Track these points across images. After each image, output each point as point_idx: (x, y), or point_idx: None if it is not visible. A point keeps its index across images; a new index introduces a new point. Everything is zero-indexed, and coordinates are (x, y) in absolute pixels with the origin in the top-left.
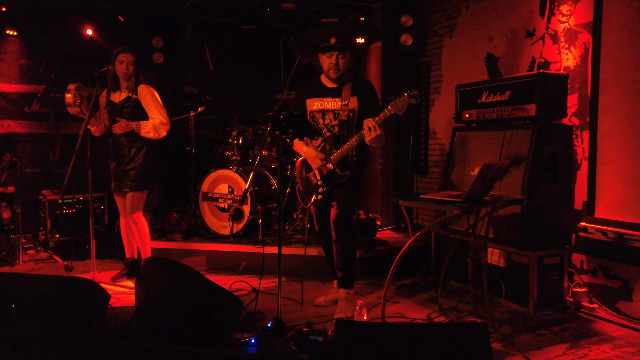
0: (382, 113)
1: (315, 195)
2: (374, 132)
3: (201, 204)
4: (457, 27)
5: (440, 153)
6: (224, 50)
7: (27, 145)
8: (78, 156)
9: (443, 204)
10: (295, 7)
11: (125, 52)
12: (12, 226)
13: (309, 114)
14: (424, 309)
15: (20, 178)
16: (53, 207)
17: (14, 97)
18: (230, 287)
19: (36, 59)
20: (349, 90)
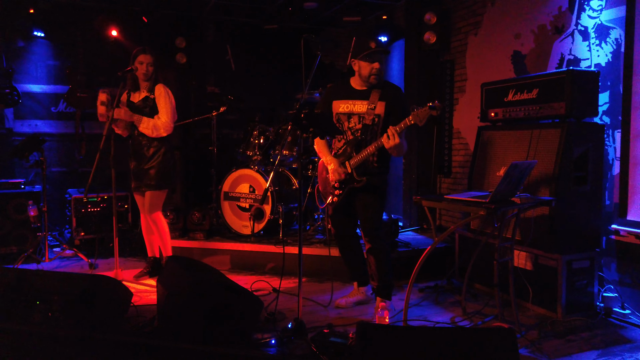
0: (402, 122)
1: (331, 197)
2: (392, 140)
3: (222, 203)
4: (482, 24)
5: (465, 153)
6: (246, 50)
7: (53, 145)
8: (102, 155)
9: (468, 205)
10: (317, 5)
11: (144, 52)
12: (38, 224)
13: (334, 116)
14: (447, 312)
15: (47, 177)
16: (78, 205)
17: (41, 98)
18: (250, 287)
19: (62, 60)
20: (377, 95)
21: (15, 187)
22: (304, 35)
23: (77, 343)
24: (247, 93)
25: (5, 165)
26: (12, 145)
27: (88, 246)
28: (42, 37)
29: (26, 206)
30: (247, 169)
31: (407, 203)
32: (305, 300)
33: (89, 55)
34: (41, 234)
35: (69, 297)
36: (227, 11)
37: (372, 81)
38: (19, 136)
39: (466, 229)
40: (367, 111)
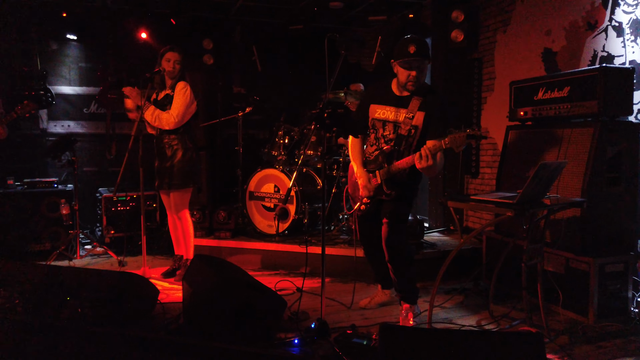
0: (438, 143)
1: (359, 204)
2: (424, 162)
3: (248, 203)
4: (512, 21)
5: (493, 153)
6: (271, 51)
7: (85, 145)
8: (131, 155)
9: (496, 206)
10: (343, 5)
11: (172, 50)
12: (70, 222)
13: (370, 120)
14: (474, 315)
15: (79, 176)
16: (108, 204)
17: (74, 99)
18: (274, 286)
19: (94, 62)
20: (417, 103)
21: (48, 186)
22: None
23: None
24: (273, 93)
25: (39, 164)
26: (45, 145)
27: (117, 244)
28: (74, 40)
29: (59, 204)
30: (272, 169)
31: (433, 204)
32: (329, 300)
33: (119, 57)
34: (73, 231)
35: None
36: (253, 12)
37: (409, 88)
38: (52, 136)
39: (494, 231)
40: (404, 120)
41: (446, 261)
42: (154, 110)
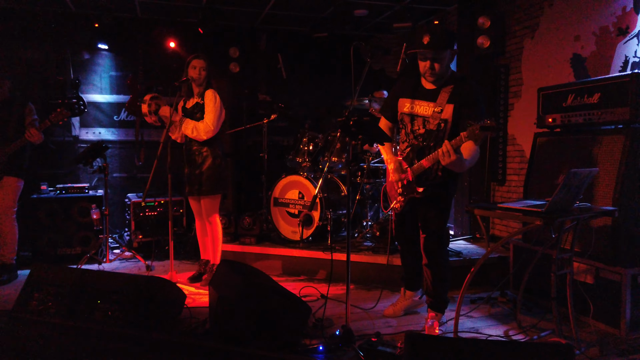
0: (457, 138)
1: (395, 202)
2: (447, 158)
3: (272, 209)
4: (539, 26)
5: (520, 160)
6: (296, 59)
7: (115, 152)
8: (159, 161)
9: (523, 214)
10: (367, 13)
11: (198, 57)
12: (100, 227)
13: (399, 115)
14: (501, 325)
15: (109, 182)
16: (137, 209)
17: (105, 107)
18: (299, 293)
19: (124, 71)
20: (446, 95)
21: (80, 191)
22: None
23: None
24: (297, 100)
25: (71, 170)
26: (77, 151)
27: (145, 248)
28: (105, 50)
29: (89, 210)
30: (297, 176)
31: (458, 211)
32: (353, 307)
33: (148, 65)
34: (103, 236)
35: (127, 297)
36: (279, 21)
37: (429, 79)
38: (83, 143)
39: (521, 239)
40: (432, 114)
41: (473, 269)
42: (189, 123)
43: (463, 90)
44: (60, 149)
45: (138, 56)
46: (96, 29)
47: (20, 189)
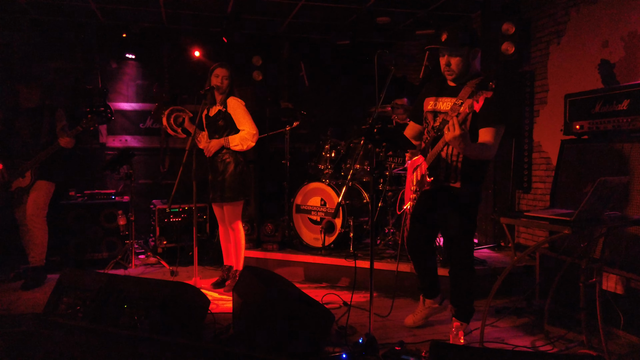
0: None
1: (409, 202)
2: (452, 132)
3: (295, 216)
4: (566, 32)
5: (546, 167)
6: (318, 66)
7: (140, 159)
8: (184, 169)
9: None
10: (390, 20)
11: (221, 66)
12: (126, 232)
13: (423, 115)
14: (527, 335)
15: (134, 188)
16: (162, 215)
17: (131, 115)
18: (321, 300)
19: (150, 80)
20: (469, 90)
21: (107, 197)
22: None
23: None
24: (319, 107)
25: (98, 176)
26: (105, 158)
27: (170, 254)
28: (132, 59)
29: (116, 215)
30: (319, 183)
31: (482, 219)
32: (376, 315)
33: (173, 74)
34: (128, 241)
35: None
36: (301, 29)
37: (447, 77)
38: (110, 150)
39: (548, 248)
40: (452, 107)
41: (499, 279)
42: (235, 138)
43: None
44: (88, 156)
45: (164, 65)
46: (124, 39)
47: (51, 193)
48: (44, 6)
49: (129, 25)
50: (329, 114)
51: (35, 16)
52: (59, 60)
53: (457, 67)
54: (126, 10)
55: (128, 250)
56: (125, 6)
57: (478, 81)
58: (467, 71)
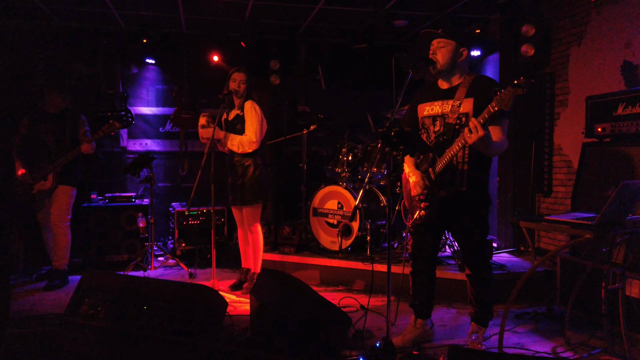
0: (485, 111)
1: (418, 211)
2: (475, 134)
3: (312, 219)
4: (587, 34)
5: (567, 171)
6: (335, 70)
7: (160, 162)
8: (203, 172)
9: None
10: (407, 23)
11: (239, 71)
12: (146, 234)
13: (420, 121)
14: (547, 341)
15: (154, 191)
16: (181, 218)
17: (151, 119)
18: (338, 303)
19: (170, 84)
20: (464, 90)
21: (127, 200)
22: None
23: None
24: (336, 111)
25: (119, 180)
26: (125, 162)
27: (188, 256)
28: (152, 64)
29: (136, 218)
30: (336, 186)
31: (501, 223)
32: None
33: (192, 79)
34: (148, 244)
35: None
36: (318, 33)
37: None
38: (131, 154)
39: (569, 252)
40: (451, 109)
41: (519, 283)
42: (235, 138)
43: (482, 83)
44: (109, 159)
45: (183, 70)
46: (144, 44)
47: (73, 197)
48: (67, 13)
49: (149, 31)
50: (346, 117)
51: (59, 23)
52: (81, 66)
53: (443, 59)
54: (147, 16)
55: (147, 252)
56: (146, 12)
57: (471, 80)
58: (452, 67)
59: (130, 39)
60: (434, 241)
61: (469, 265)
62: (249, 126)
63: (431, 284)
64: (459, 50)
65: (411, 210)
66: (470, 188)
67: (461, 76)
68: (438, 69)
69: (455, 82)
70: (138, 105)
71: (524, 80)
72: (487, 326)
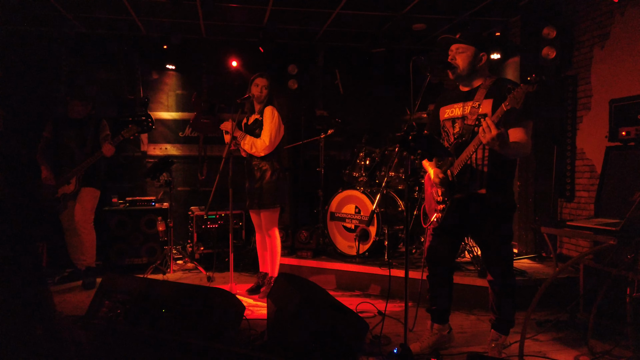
0: (498, 110)
1: (435, 214)
2: (488, 133)
3: (329, 223)
4: (610, 35)
5: (590, 175)
6: (353, 74)
7: (179, 166)
8: (221, 176)
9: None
10: (426, 27)
11: (261, 76)
12: (165, 238)
13: (441, 123)
14: (570, 350)
15: (173, 195)
16: (199, 222)
17: (170, 124)
18: (355, 308)
19: (189, 89)
20: (484, 92)
21: (147, 204)
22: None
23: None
24: (354, 115)
25: (139, 184)
26: (145, 166)
27: (207, 260)
28: (172, 70)
29: (155, 221)
30: (353, 190)
31: (522, 229)
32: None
33: (211, 84)
34: (167, 247)
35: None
36: (336, 38)
37: (451, 76)
38: (151, 158)
39: (592, 259)
40: (470, 111)
41: (540, 290)
42: (250, 140)
43: (502, 85)
44: (130, 163)
45: (202, 75)
46: (164, 50)
47: (97, 199)
48: (90, 20)
49: (169, 37)
50: (364, 121)
51: (82, 30)
52: (103, 71)
53: (462, 64)
54: (167, 22)
55: (167, 255)
56: (166, 19)
57: (491, 82)
58: (471, 72)
59: (151, 45)
60: (452, 246)
61: (491, 272)
62: (265, 130)
63: (448, 288)
64: (478, 55)
65: (430, 213)
66: (490, 190)
67: (481, 79)
68: (458, 74)
69: (475, 84)
70: (158, 110)
71: (535, 77)
72: (507, 334)
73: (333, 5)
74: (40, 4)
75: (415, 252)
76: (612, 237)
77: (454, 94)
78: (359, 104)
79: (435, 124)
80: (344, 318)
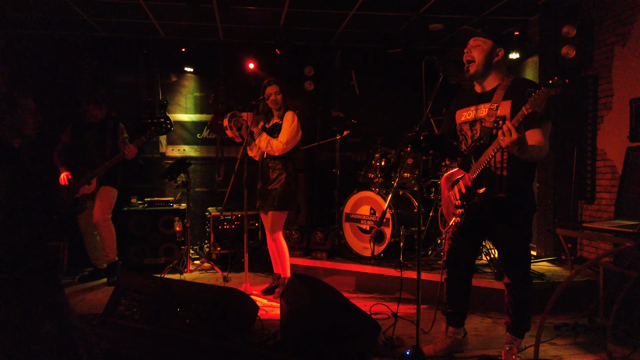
0: (519, 113)
1: (453, 218)
2: (508, 137)
3: (344, 224)
4: (632, 34)
5: (611, 177)
6: (370, 75)
7: (197, 167)
8: (237, 177)
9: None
10: (443, 27)
11: (270, 84)
12: (182, 238)
13: (458, 127)
14: (588, 354)
15: (191, 196)
16: (216, 222)
17: (188, 126)
18: (369, 310)
19: (207, 92)
20: (502, 93)
21: (165, 205)
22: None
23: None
24: (370, 116)
25: (158, 185)
26: (164, 167)
27: (223, 260)
28: (190, 72)
29: (173, 222)
30: (369, 191)
31: (541, 231)
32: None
33: (229, 86)
34: (184, 247)
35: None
36: (353, 39)
37: (466, 73)
38: (169, 159)
39: (612, 262)
40: (487, 113)
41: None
42: (265, 137)
43: (521, 85)
44: (149, 164)
45: (219, 77)
46: (183, 53)
47: (115, 198)
48: (110, 24)
49: (187, 40)
50: (380, 122)
51: (103, 34)
52: (123, 74)
53: (478, 57)
54: (185, 25)
55: (184, 255)
56: (184, 22)
57: (510, 82)
58: (487, 67)
59: (170, 48)
60: (472, 249)
61: (508, 275)
62: (283, 131)
63: (466, 292)
64: (495, 50)
65: (448, 217)
66: (509, 194)
67: (498, 78)
68: (474, 70)
69: (491, 84)
70: (176, 112)
71: (558, 80)
72: (522, 337)
73: (349, 6)
74: (62, 10)
75: (431, 253)
76: (628, 239)
77: (469, 96)
78: (376, 104)
79: (451, 128)
80: (355, 319)
